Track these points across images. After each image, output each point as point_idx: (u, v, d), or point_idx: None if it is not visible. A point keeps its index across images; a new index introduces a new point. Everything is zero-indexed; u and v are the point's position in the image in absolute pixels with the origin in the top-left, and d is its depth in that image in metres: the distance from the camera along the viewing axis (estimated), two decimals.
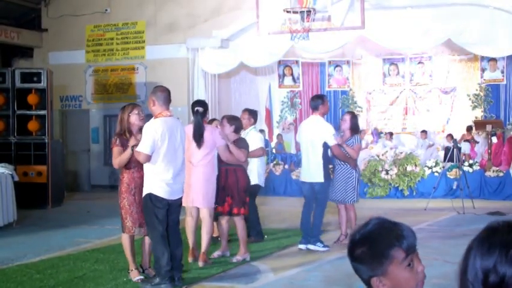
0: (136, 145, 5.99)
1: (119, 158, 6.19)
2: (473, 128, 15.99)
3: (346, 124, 8.35)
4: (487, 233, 1.44)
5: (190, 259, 7.14)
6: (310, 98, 8.79)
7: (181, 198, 6.25)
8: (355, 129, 8.35)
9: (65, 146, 14.69)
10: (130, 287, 6.16)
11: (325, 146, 7.88)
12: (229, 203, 7.19)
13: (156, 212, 5.94)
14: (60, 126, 16.80)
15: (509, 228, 1.42)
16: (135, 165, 6.21)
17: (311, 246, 7.98)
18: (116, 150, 6.23)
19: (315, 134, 7.89)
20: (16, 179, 10.38)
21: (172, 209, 6.09)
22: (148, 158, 5.89)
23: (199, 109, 6.97)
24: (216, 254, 7.45)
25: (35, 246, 8.44)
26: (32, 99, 12.83)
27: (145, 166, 6.00)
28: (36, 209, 12.05)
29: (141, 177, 6.22)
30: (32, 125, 12.84)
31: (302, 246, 8.02)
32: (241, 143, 7.33)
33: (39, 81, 12.86)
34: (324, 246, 7.95)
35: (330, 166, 8.32)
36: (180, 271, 6.24)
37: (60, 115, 16.82)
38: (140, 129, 6.28)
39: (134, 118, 6.27)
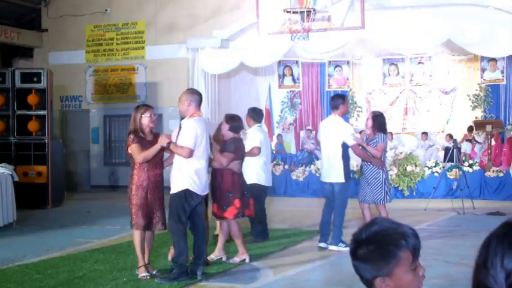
0: (170, 143, 6.13)
1: (145, 153, 6.22)
2: (474, 129, 16.00)
3: (369, 123, 8.21)
4: (505, 230, 1.44)
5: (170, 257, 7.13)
6: (330, 97, 8.75)
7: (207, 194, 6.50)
8: (380, 128, 8.10)
9: (65, 146, 14.69)
10: (131, 287, 6.16)
11: (345, 145, 7.84)
12: (216, 206, 7.17)
13: (187, 207, 6.16)
14: (60, 126, 16.81)
15: None
16: (149, 163, 6.31)
17: (333, 247, 7.87)
18: (135, 146, 6.28)
19: (334, 134, 7.85)
20: (16, 179, 10.37)
21: (199, 202, 6.32)
22: (192, 153, 6.06)
23: None
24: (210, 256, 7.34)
25: (35, 246, 8.43)
26: (32, 99, 12.82)
27: (183, 162, 6.11)
28: (36, 209, 12.05)
29: (156, 176, 6.35)
30: (32, 125, 12.83)
31: (322, 245, 7.93)
32: (229, 146, 7.21)
33: (39, 82, 12.85)
34: (346, 245, 7.74)
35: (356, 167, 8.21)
36: (204, 266, 6.45)
37: (60, 115, 16.83)
38: (151, 131, 6.43)
39: (146, 120, 6.39)
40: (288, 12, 12.15)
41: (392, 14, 14.03)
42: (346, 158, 7.89)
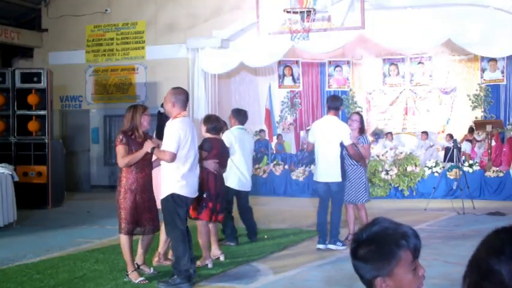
0: (155, 147, 6.00)
1: (128, 158, 6.09)
2: (475, 130, 16.02)
3: (356, 124, 8.29)
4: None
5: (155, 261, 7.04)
6: (328, 97, 8.76)
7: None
8: (363, 129, 8.44)
9: (65, 146, 14.69)
10: (131, 287, 6.16)
11: (342, 145, 7.88)
12: (192, 206, 6.96)
13: (178, 211, 6.00)
14: (60, 126, 16.80)
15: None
16: (137, 165, 6.19)
17: (331, 246, 7.91)
18: (121, 148, 6.13)
19: (333, 134, 7.85)
20: (16, 179, 10.37)
21: (187, 206, 6.21)
22: (175, 157, 5.90)
23: (161, 109, 7.00)
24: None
25: (35, 246, 8.43)
26: (32, 99, 12.82)
27: (168, 165, 5.97)
28: (36, 209, 12.05)
29: (144, 177, 6.23)
30: (32, 125, 12.83)
31: (321, 246, 7.91)
32: (204, 144, 7.18)
33: (39, 82, 12.86)
34: (343, 244, 7.88)
35: None
36: (195, 264, 6.36)
37: (60, 115, 16.82)
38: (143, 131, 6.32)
39: (146, 120, 6.31)
40: (288, 12, 12.15)
41: (392, 14, 14.02)
42: (342, 157, 7.92)
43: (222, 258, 7.30)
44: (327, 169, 7.87)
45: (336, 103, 8.10)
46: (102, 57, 16.72)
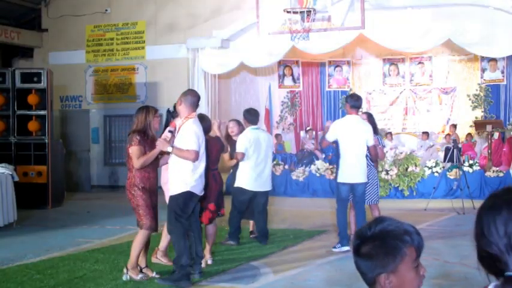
0: (174, 147, 6.07)
1: (144, 158, 6.16)
2: (456, 127, 16.21)
3: None
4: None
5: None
6: (349, 96, 8.62)
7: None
8: (374, 129, 8.16)
9: (65, 146, 14.69)
10: (131, 287, 6.16)
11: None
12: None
13: (187, 208, 6.13)
14: (60, 126, 16.80)
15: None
16: (151, 165, 6.28)
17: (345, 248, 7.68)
18: (137, 149, 6.19)
19: (360, 134, 7.76)
20: (16, 179, 10.37)
21: (196, 203, 6.32)
22: (198, 155, 6.06)
23: (170, 109, 7.05)
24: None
25: (35, 246, 8.43)
26: (32, 99, 12.82)
27: (184, 164, 6.05)
28: (36, 209, 12.05)
29: (155, 177, 6.36)
30: (32, 125, 12.83)
31: (345, 248, 7.66)
32: None
33: (39, 82, 12.85)
34: None
35: None
36: (201, 264, 6.50)
37: (60, 115, 16.82)
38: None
39: (158, 122, 6.45)
40: (288, 12, 12.16)
41: (392, 14, 14.02)
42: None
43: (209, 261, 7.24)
44: (354, 170, 7.75)
45: (358, 102, 7.96)
46: (102, 57, 16.72)
